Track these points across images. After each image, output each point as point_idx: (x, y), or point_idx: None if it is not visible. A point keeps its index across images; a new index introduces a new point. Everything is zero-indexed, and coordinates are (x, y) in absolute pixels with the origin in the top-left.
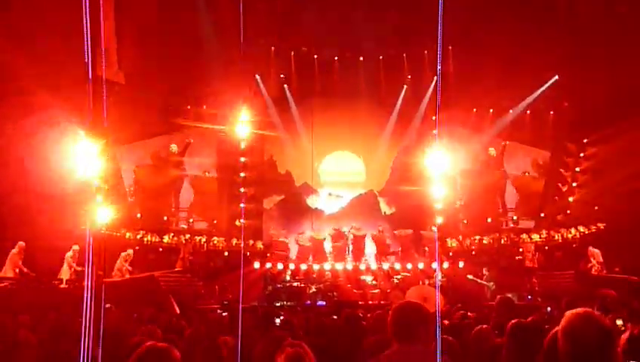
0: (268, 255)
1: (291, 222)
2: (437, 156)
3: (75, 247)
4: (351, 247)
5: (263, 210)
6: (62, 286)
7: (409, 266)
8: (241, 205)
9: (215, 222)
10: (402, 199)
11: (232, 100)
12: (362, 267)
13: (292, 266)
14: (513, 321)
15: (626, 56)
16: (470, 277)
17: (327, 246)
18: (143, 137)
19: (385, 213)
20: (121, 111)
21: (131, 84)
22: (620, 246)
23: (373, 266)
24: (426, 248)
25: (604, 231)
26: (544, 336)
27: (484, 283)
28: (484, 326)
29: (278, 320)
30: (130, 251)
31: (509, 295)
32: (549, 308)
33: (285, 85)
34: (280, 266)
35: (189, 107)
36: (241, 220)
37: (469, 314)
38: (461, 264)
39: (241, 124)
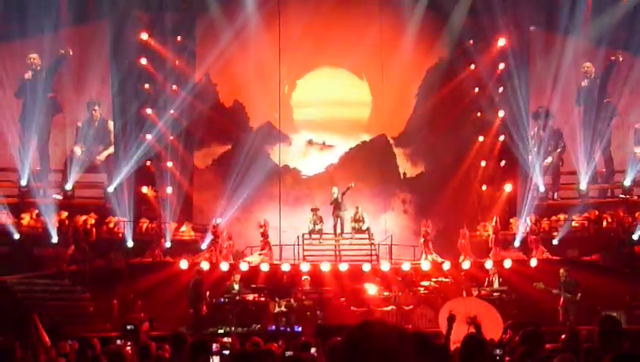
0: (203, 247)
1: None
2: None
3: None
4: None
5: (194, 171)
6: None
7: (446, 266)
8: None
9: (110, 190)
10: (436, 151)
11: None
12: (366, 268)
13: (244, 267)
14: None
15: None
16: (540, 285)
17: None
18: None
19: (405, 173)
20: None
21: None
22: None
23: (385, 266)
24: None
25: None
26: None
27: (563, 293)
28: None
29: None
30: None
31: (614, 313)
32: None
33: None
34: (224, 267)
35: None
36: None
37: (545, 346)
38: (533, 262)
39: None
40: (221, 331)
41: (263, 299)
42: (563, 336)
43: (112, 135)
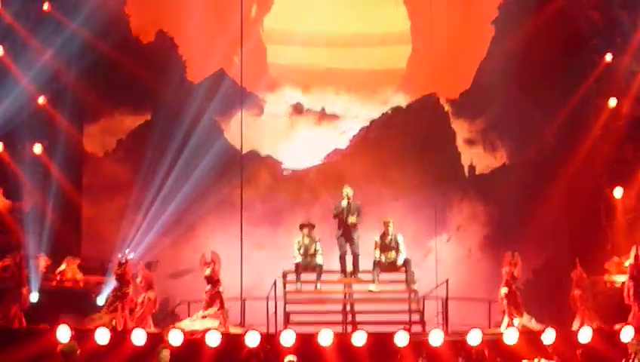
0: (100, 303)
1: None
2: None
3: None
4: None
5: (84, 160)
6: None
7: (548, 337)
8: None
9: None
10: (530, 126)
11: None
12: (401, 339)
13: (176, 339)
14: None
15: None
16: None
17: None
18: None
19: (473, 166)
20: None
21: None
22: None
23: (436, 337)
24: None
25: None
26: None
27: None
28: None
29: None
30: None
31: None
32: None
33: None
34: (138, 338)
35: None
36: None
37: None
38: None
39: None
40: None
41: None
42: None
43: None
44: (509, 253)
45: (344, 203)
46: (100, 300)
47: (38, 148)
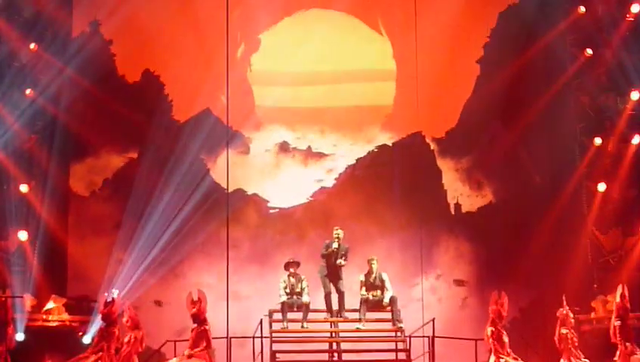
0: (85, 341)
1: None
2: None
3: None
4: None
5: (70, 199)
6: None
7: None
8: None
9: None
10: (516, 164)
11: None
12: None
13: None
14: None
15: None
16: None
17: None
18: None
19: (459, 205)
20: None
21: None
22: None
23: None
24: None
25: None
26: None
27: None
28: None
29: None
30: None
31: None
32: None
33: None
34: None
35: None
36: None
37: None
38: None
39: None
40: None
41: None
42: None
43: None
44: (496, 292)
45: (335, 244)
46: (86, 339)
47: (24, 188)
